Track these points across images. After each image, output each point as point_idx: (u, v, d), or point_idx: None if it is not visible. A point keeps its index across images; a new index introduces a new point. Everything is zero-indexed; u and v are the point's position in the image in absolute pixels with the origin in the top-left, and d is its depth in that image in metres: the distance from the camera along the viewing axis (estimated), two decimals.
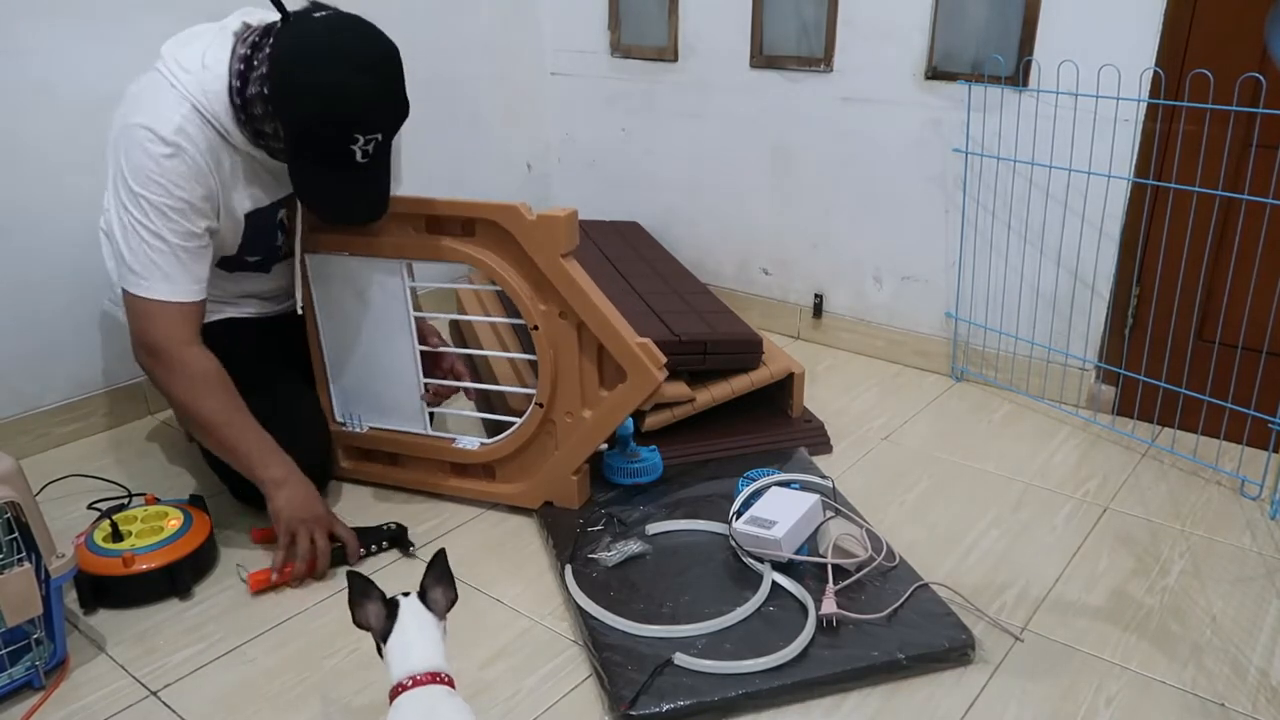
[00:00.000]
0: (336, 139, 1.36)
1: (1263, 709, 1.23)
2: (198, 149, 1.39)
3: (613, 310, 1.50)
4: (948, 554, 1.55)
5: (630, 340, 1.49)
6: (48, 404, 1.89)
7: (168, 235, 1.41)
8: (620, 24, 2.51)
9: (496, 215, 1.49)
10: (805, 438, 1.86)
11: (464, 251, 1.53)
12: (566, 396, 1.56)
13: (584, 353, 1.53)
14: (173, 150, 1.37)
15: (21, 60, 1.72)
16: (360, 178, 1.42)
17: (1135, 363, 1.96)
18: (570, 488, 1.61)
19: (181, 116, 1.38)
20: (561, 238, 1.46)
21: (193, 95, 1.39)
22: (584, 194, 2.78)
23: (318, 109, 1.34)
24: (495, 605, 1.44)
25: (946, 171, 2.10)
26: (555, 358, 1.54)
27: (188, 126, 1.38)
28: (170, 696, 1.26)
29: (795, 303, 2.45)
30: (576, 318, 1.50)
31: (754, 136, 2.37)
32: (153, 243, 1.40)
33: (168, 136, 1.37)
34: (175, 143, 1.37)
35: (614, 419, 1.55)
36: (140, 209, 1.39)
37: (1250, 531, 1.61)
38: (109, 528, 1.45)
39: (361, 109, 1.36)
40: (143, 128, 1.37)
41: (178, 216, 1.40)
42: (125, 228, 1.40)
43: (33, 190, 1.78)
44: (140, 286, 1.43)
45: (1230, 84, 1.69)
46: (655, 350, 1.49)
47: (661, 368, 1.49)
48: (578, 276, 1.48)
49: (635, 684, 1.21)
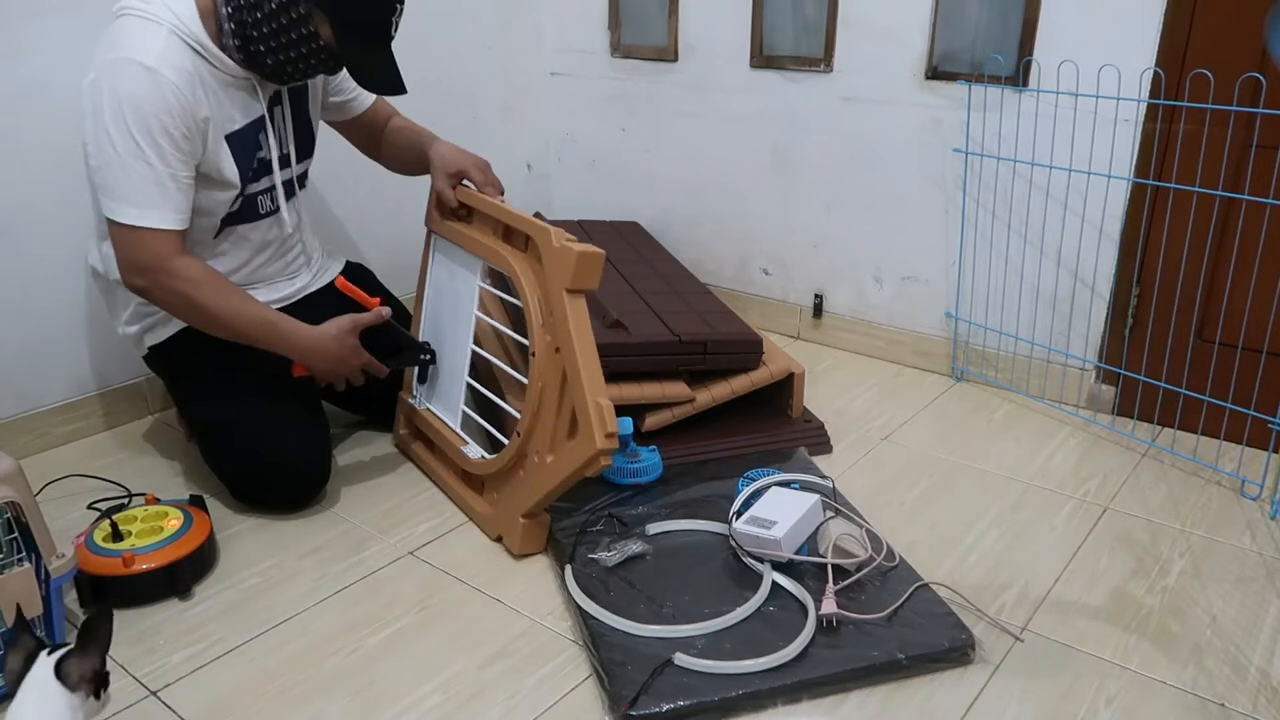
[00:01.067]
0: (383, 13, 1.48)
1: (1263, 709, 1.23)
2: (180, 73, 1.44)
3: (593, 362, 1.43)
4: (948, 554, 1.55)
5: (590, 395, 1.40)
6: (48, 404, 1.89)
7: (154, 161, 1.43)
8: (620, 24, 2.51)
9: (535, 232, 1.50)
10: (805, 438, 1.86)
11: (507, 259, 1.55)
12: (541, 434, 1.49)
13: (564, 395, 1.45)
14: (157, 77, 1.41)
15: (21, 60, 1.72)
16: (389, 52, 1.53)
17: (1135, 363, 1.96)
18: (515, 531, 1.53)
19: (163, 42, 1.43)
20: (571, 272, 1.43)
21: (167, 21, 1.44)
22: (584, 194, 2.78)
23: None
24: (495, 605, 1.44)
25: (946, 171, 2.10)
26: (541, 391, 1.49)
27: (169, 53, 1.43)
28: (170, 696, 1.26)
29: (795, 303, 2.45)
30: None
31: (754, 136, 2.37)
32: (139, 169, 1.43)
33: (150, 64, 1.41)
34: (157, 70, 1.41)
35: (556, 475, 1.45)
36: (127, 136, 1.41)
37: (1250, 531, 1.61)
38: (109, 528, 1.45)
39: None
40: (127, 59, 1.41)
41: (164, 142, 1.43)
42: (111, 158, 1.43)
43: (33, 190, 1.78)
44: (127, 215, 1.45)
45: (1230, 84, 1.69)
46: (609, 416, 1.39)
47: (608, 436, 1.38)
48: (574, 316, 1.44)
49: (635, 684, 1.21)
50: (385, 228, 2.35)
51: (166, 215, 1.47)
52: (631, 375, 1.80)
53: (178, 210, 1.49)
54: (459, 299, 1.70)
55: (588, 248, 1.44)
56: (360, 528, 1.63)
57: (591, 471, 1.41)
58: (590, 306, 1.91)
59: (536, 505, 1.50)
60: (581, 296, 1.45)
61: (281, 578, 1.50)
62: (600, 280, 1.47)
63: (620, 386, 1.77)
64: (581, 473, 1.42)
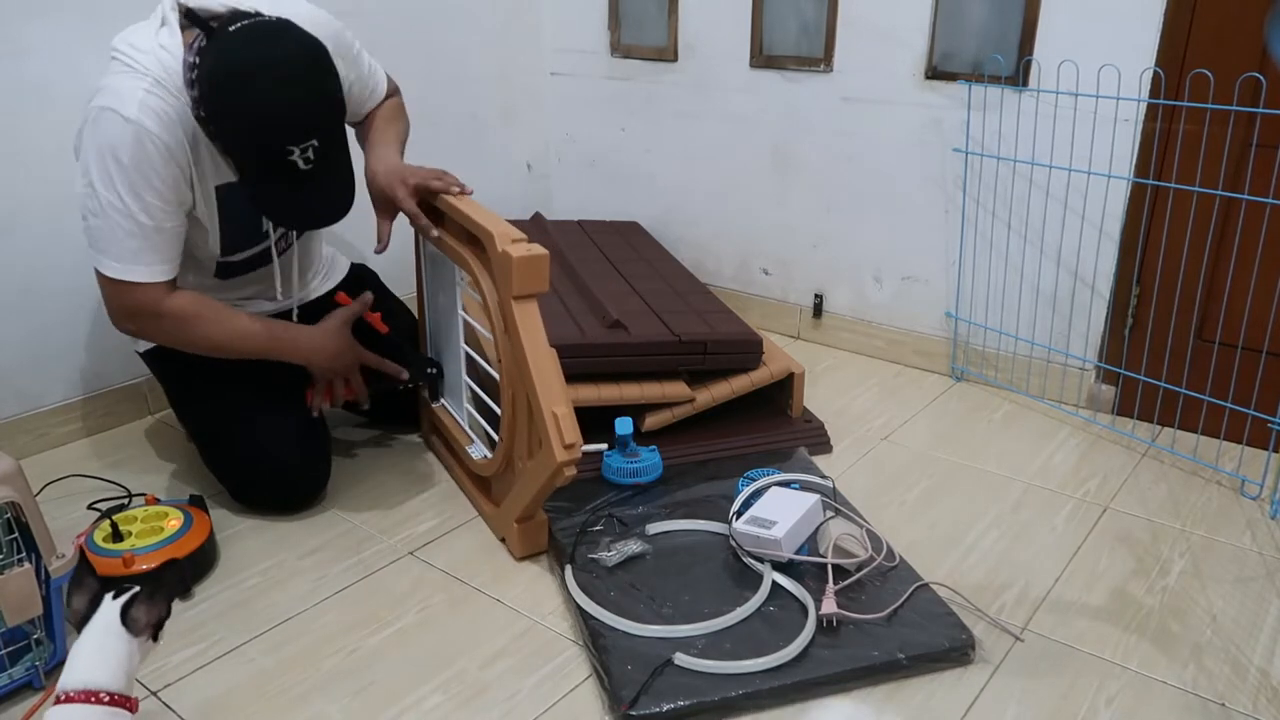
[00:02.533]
0: (274, 154, 1.35)
1: (1263, 709, 1.23)
2: (163, 123, 1.39)
3: (549, 370, 1.38)
4: (948, 554, 1.55)
5: (547, 405, 1.35)
6: (48, 404, 1.89)
7: (139, 215, 1.41)
8: (620, 24, 2.51)
9: (483, 236, 1.44)
10: (805, 438, 1.86)
11: (469, 263, 1.50)
12: (520, 440, 1.47)
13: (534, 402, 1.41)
14: (138, 129, 1.37)
15: (21, 60, 1.72)
16: (310, 185, 1.40)
17: (1135, 363, 1.96)
18: (513, 534, 1.53)
19: (144, 91, 1.37)
20: (515, 278, 1.37)
21: (152, 71, 1.39)
22: (584, 194, 2.78)
23: (246, 130, 1.35)
24: (495, 605, 1.44)
25: (946, 171, 2.10)
26: (513, 397, 1.46)
27: (150, 101, 1.38)
28: (170, 696, 1.26)
29: (795, 303, 2.45)
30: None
31: (754, 136, 2.37)
32: (124, 225, 1.40)
33: (131, 115, 1.36)
34: (139, 120, 1.37)
35: (532, 485, 1.43)
36: (111, 190, 1.39)
37: (1250, 531, 1.61)
38: (109, 528, 1.45)
39: (284, 123, 1.35)
40: (107, 109, 1.37)
41: (148, 195, 1.40)
42: (95, 209, 1.40)
43: (33, 190, 1.78)
44: (112, 269, 1.44)
45: (1230, 84, 1.69)
46: (569, 425, 1.34)
47: (568, 447, 1.34)
48: (525, 323, 1.38)
49: (635, 684, 1.21)
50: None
51: (153, 269, 1.45)
52: (631, 375, 1.80)
53: (165, 261, 1.46)
54: (448, 299, 1.70)
55: (530, 250, 1.38)
56: (360, 528, 1.63)
57: (560, 482, 1.38)
58: (590, 306, 1.93)
59: (524, 511, 1.50)
60: (531, 302, 1.40)
61: (281, 578, 1.50)
62: (549, 282, 1.41)
63: (620, 386, 1.77)
64: (551, 484, 1.40)
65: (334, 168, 1.42)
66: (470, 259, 1.51)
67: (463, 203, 1.55)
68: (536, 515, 1.53)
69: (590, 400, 1.74)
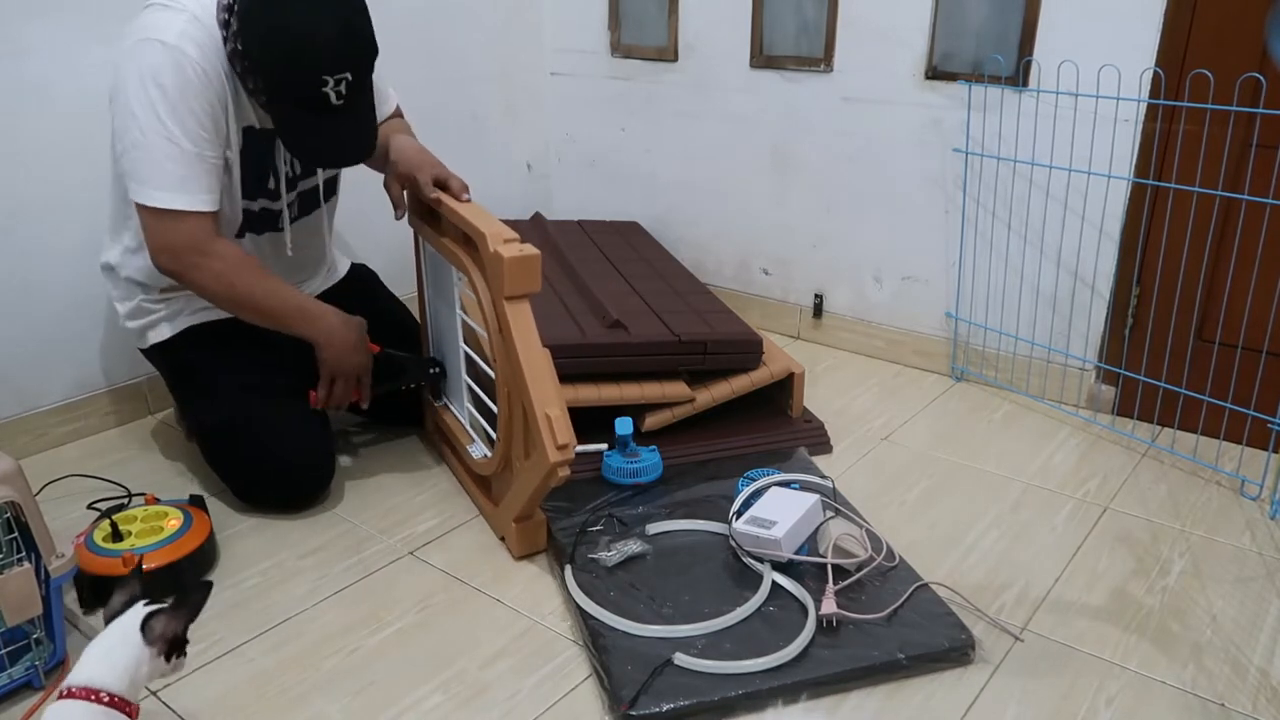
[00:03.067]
0: (307, 82, 1.39)
1: (1263, 709, 1.23)
2: (202, 52, 1.42)
3: (542, 371, 1.38)
4: (948, 554, 1.55)
5: (540, 407, 1.35)
6: (48, 404, 1.89)
7: (180, 139, 1.42)
8: (620, 24, 2.51)
9: (476, 236, 1.45)
10: (805, 438, 1.86)
11: (464, 263, 1.51)
12: (517, 439, 1.47)
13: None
14: (177, 54, 1.40)
15: (21, 60, 1.72)
16: (338, 120, 1.44)
17: (1135, 363, 1.96)
18: (512, 533, 1.53)
19: (184, 22, 1.41)
20: (507, 278, 1.37)
21: (189, 8, 1.42)
22: (584, 194, 2.78)
23: (283, 54, 1.38)
24: (495, 605, 1.44)
25: (946, 171, 2.10)
26: (509, 396, 1.46)
27: (191, 30, 1.41)
28: (170, 696, 1.26)
29: (795, 303, 2.45)
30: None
31: (754, 136, 2.37)
32: (165, 149, 1.42)
33: (170, 41, 1.40)
34: (179, 46, 1.40)
35: (528, 485, 1.43)
36: (151, 114, 1.40)
37: (1250, 531, 1.61)
38: (109, 528, 1.45)
39: (323, 50, 1.38)
40: (147, 39, 1.41)
41: (189, 119, 1.42)
42: (137, 139, 1.41)
43: (33, 190, 1.78)
44: (155, 198, 1.44)
45: (1230, 84, 1.69)
46: (560, 427, 1.34)
47: (560, 448, 1.34)
48: (517, 324, 1.39)
49: (635, 684, 1.21)
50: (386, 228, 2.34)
51: (197, 197, 1.45)
52: (631, 375, 1.80)
53: (208, 191, 1.47)
54: (446, 298, 1.70)
55: (523, 251, 1.38)
56: (360, 528, 1.63)
57: (554, 483, 1.39)
58: (590, 306, 1.93)
59: (522, 510, 1.50)
60: (524, 302, 1.41)
61: (281, 578, 1.50)
62: (541, 282, 1.41)
63: (620, 386, 1.77)
64: (546, 484, 1.41)
65: (359, 112, 1.47)
66: (465, 259, 1.51)
67: (458, 203, 1.56)
68: (535, 515, 1.53)
69: (590, 400, 1.74)
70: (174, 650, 1.02)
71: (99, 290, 1.82)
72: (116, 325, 1.76)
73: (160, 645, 1.00)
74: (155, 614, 1.01)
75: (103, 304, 1.90)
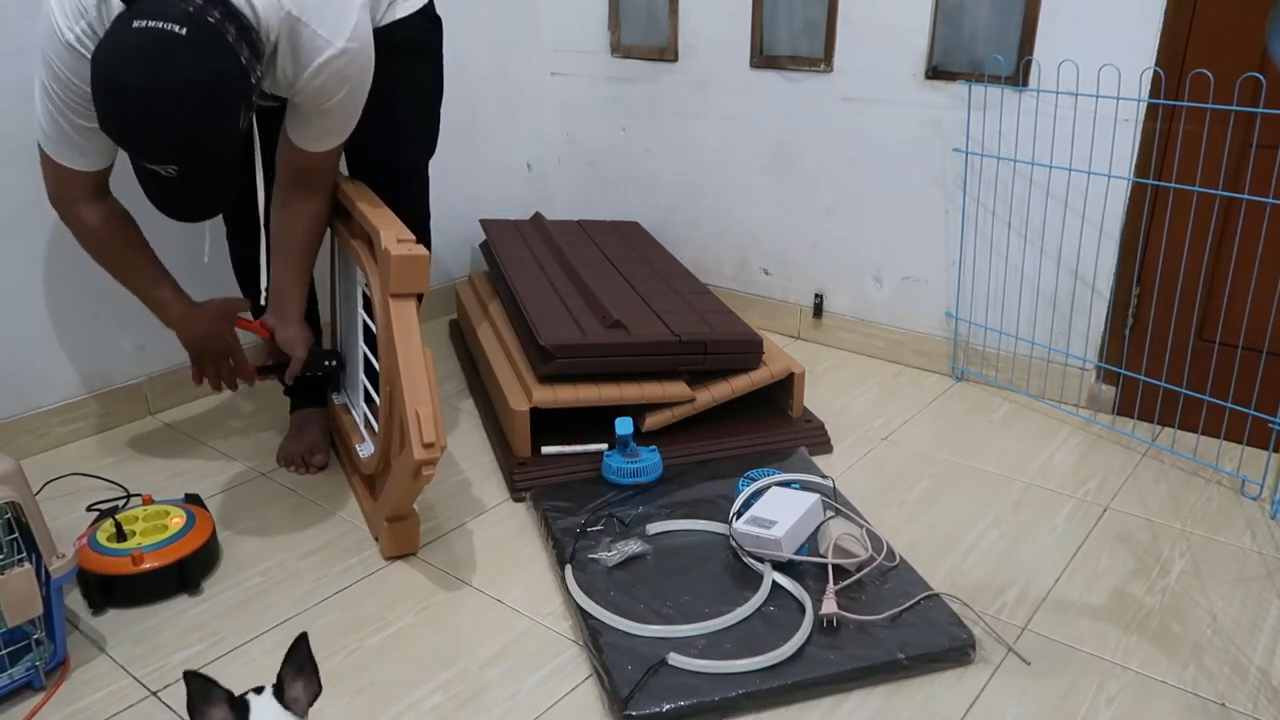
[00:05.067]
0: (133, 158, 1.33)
1: (1263, 709, 1.23)
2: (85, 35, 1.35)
3: (417, 368, 1.37)
4: (948, 554, 1.55)
5: (411, 404, 1.34)
6: (48, 404, 1.89)
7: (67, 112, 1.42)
8: (620, 24, 2.51)
9: (371, 231, 1.46)
10: (805, 438, 1.86)
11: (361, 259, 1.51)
12: (395, 438, 1.46)
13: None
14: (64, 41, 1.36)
15: (22, 60, 1.72)
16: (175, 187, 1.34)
17: (1135, 362, 1.96)
18: (384, 533, 1.52)
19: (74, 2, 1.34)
20: (394, 275, 1.39)
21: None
22: (584, 194, 2.78)
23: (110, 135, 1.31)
24: (495, 605, 1.44)
25: (946, 171, 2.10)
26: (390, 394, 1.45)
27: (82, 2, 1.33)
28: (171, 696, 1.26)
29: (795, 303, 2.45)
30: None
31: (754, 136, 2.37)
32: (54, 115, 1.43)
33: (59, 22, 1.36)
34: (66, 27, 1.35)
35: (397, 484, 1.43)
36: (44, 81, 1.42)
37: (1250, 531, 1.61)
38: (112, 528, 1.45)
39: (142, 150, 1.29)
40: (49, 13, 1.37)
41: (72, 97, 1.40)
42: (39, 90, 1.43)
43: (33, 191, 1.78)
44: (44, 145, 1.47)
45: (1230, 84, 1.69)
46: (428, 425, 1.33)
47: (427, 446, 1.32)
48: (398, 321, 1.39)
49: (635, 684, 1.21)
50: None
51: (75, 159, 1.46)
52: (632, 375, 1.80)
53: (82, 154, 1.46)
54: (351, 296, 1.70)
55: (411, 250, 1.39)
56: (360, 528, 1.63)
57: (422, 482, 1.38)
58: (590, 306, 1.93)
59: (393, 510, 1.49)
60: (409, 301, 1.41)
61: (282, 577, 1.50)
62: (429, 284, 1.42)
63: (620, 386, 1.77)
64: (414, 483, 1.39)
65: (202, 184, 1.35)
66: (365, 257, 1.53)
67: (363, 201, 1.57)
68: (409, 516, 1.53)
69: (590, 400, 1.74)
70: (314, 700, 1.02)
71: (99, 290, 1.82)
72: (117, 325, 1.76)
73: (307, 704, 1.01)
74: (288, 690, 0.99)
75: (103, 304, 1.90)
